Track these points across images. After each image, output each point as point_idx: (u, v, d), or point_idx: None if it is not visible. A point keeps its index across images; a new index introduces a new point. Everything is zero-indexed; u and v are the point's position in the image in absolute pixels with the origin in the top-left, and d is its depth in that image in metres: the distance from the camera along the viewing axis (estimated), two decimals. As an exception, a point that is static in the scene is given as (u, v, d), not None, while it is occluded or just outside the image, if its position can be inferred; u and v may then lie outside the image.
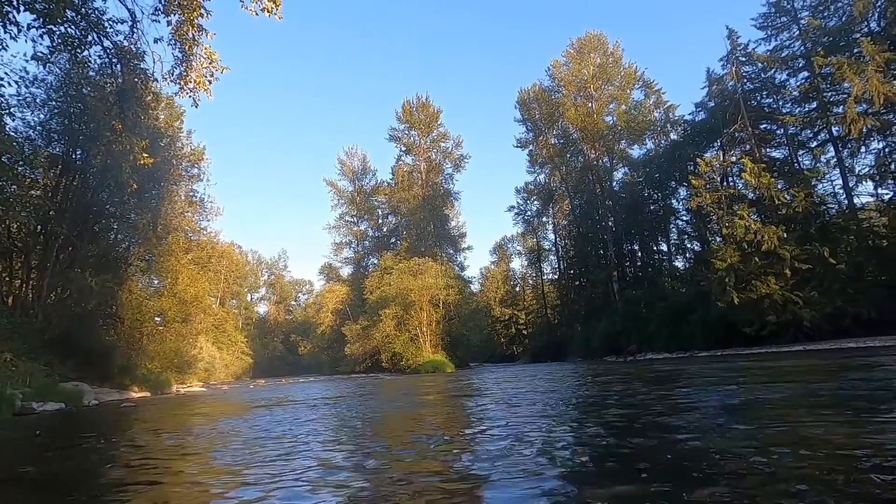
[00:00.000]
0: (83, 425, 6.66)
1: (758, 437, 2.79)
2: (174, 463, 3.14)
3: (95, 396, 12.52)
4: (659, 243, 39.61)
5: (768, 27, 26.79)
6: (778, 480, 1.86)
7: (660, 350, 26.33)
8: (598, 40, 41.55)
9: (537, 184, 50.77)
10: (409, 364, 35.68)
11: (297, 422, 5.29)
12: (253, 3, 10.21)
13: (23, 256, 17.92)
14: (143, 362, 22.84)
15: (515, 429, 3.57)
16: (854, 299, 19.98)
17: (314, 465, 2.70)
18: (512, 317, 65.03)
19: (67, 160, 19.23)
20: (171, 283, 26.17)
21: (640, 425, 3.49)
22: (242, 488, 2.26)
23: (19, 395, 8.52)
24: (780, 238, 22.92)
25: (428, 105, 49.13)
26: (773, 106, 27.54)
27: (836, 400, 4.30)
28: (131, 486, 2.48)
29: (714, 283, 23.88)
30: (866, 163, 24.07)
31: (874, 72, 20.83)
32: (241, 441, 4.05)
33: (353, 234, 58.57)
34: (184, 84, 11.28)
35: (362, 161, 58.93)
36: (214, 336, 47.06)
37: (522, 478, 2.14)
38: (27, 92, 16.79)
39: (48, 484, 2.65)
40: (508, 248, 68.70)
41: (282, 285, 78.76)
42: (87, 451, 3.80)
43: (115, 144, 13.30)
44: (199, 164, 29.66)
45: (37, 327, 15.94)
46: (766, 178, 23.77)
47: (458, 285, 41.63)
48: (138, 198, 20.68)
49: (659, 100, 40.22)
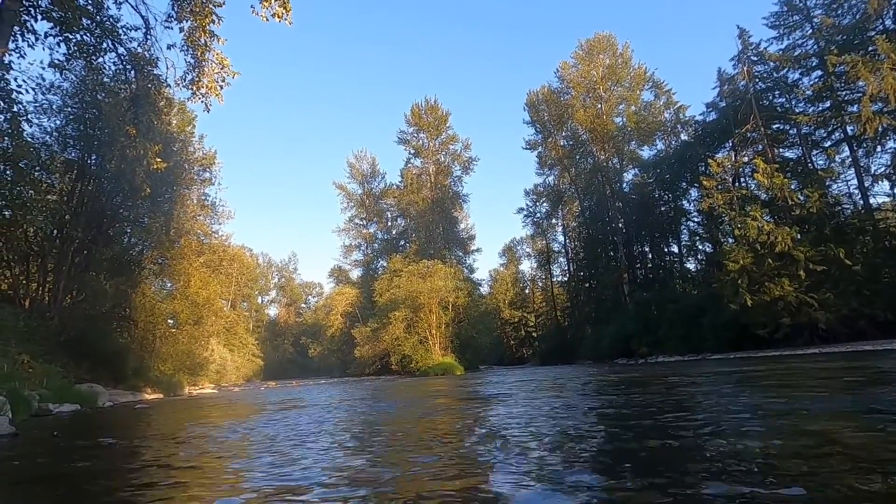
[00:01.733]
0: (99, 426, 6.74)
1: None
2: (193, 464, 3.17)
3: (110, 398, 12.67)
4: (670, 245, 39.34)
5: (780, 26, 26.54)
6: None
7: (671, 353, 26.08)
8: (607, 41, 41.41)
9: (546, 185, 50.67)
10: (419, 367, 35.72)
11: (312, 426, 5.31)
12: (263, 8, 10.35)
13: (39, 260, 18.23)
14: (156, 364, 23.10)
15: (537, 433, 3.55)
16: (870, 301, 19.70)
17: (335, 472, 2.71)
18: (521, 319, 64.83)
19: (83, 165, 19.56)
20: (183, 286, 26.43)
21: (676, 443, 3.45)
22: (271, 488, 2.27)
23: (36, 396, 8.63)
24: (794, 239, 22.66)
25: (436, 108, 49.29)
26: (785, 105, 27.25)
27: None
28: (150, 486, 2.52)
29: (726, 285, 23.63)
30: (882, 162, 23.76)
31: (889, 70, 20.54)
32: (259, 442, 4.08)
33: (362, 236, 58.88)
34: (196, 89, 11.47)
35: (371, 164, 59.34)
36: (226, 338, 47.43)
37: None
38: (44, 98, 17.20)
39: (67, 483, 2.69)
40: (518, 250, 68.60)
41: (292, 288, 79.27)
42: (104, 452, 3.85)
43: (129, 149, 13.56)
44: (210, 168, 29.95)
45: (53, 330, 16.18)
46: (779, 179, 23.51)
47: (467, 288, 41.61)
48: (151, 201, 21.01)
49: (669, 100, 39.97)
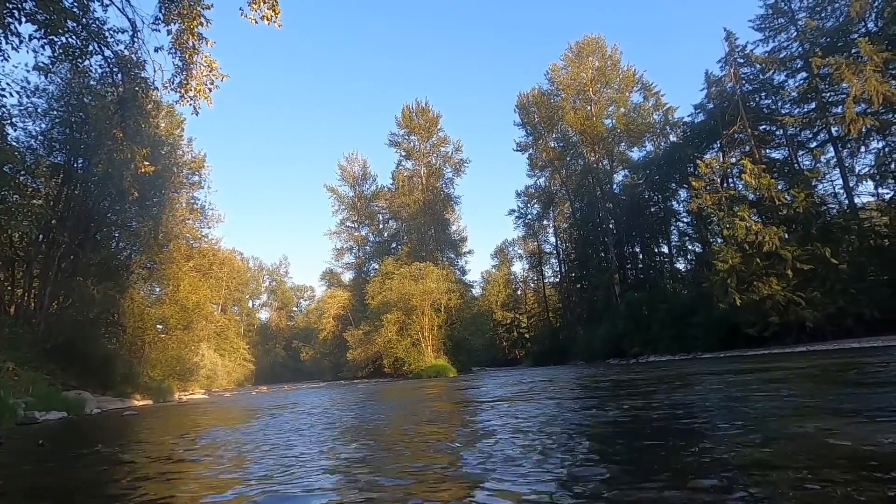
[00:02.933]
0: (86, 434, 6.65)
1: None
2: (180, 472, 3.13)
3: (98, 405, 12.52)
4: (660, 245, 39.66)
5: (766, 28, 26.86)
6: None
7: (662, 352, 26.26)
8: (596, 44, 41.69)
9: (537, 187, 50.83)
10: (412, 369, 35.63)
11: (304, 430, 5.28)
12: (252, 11, 10.27)
13: (25, 265, 17.95)
14: (145, 370, 22.85)
15: (528, 436, 3.55)
16: (856, 299, 19.97)
17: (327, 476, 2.70)
18: (514, 320, 64.94)
19: (69, 169, 19.32)
20: (172, 291, 26.20)
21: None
22: (257, 495, 2.25)
23: (22, 404, 8.51)
24: (782, 239, 22.93)
25: (427, 110, 49.29)
26: (772, 107, 27.60)
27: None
28: (138, 497, 2.48)
29: (716, 285, 23.85)
30: (866, 162, 24.15)
31: (872, 72, 20.88)
32: (250, 449, 4.04)
33: (353, 239, 58.70)
34: (184, 92, 11.35)
35: (363, 166, 59.21)
36: (216, 343, 47.09)
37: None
38: (29, 102, 16.96)
39: (52, 495, 2.65)
40: (509, 251, 68.81)
41: (283, 291, 78.78)
42: (91, 461, 3.80)
43: (117, 153, 13.39)
44: (199, 172, 29.73)
45: (39, 336, 15.94)
46: (766, 179, 23.79)
47: (459, 289, 41.61)
48: (139, 205, 20.77)
49: (658, 102, 40.32)
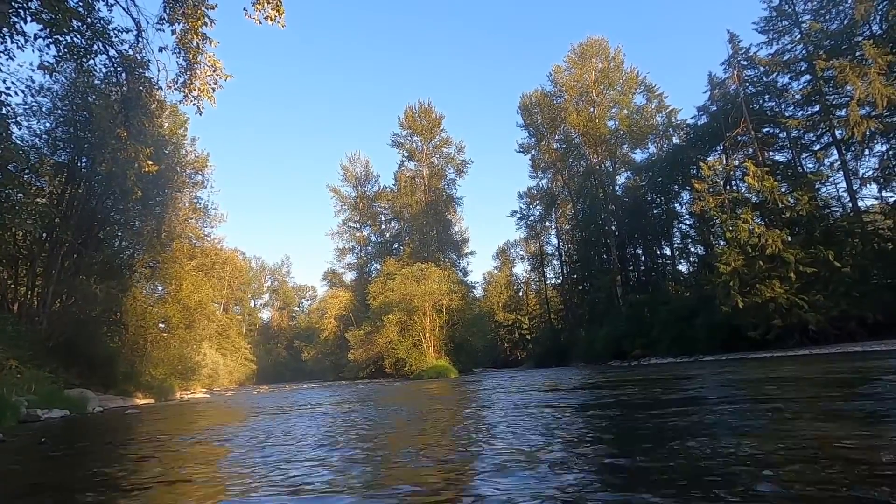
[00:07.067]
0: (88, 433, 6.67)
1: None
2: (183, 470, 3.14)
3: (100, 403, 12.53)
4: (662, 247, 39.59)
5: (770, 31, 26.84)
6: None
7: (664, 354, 26.21)
8: (599, 45, 41.68)
9: (540, 188, 50.81)
10: (413, 370, 35.64)
11: (306, 428, 5.28)
12: (256, 11, 10.32)
13: (28, 264, 18.02)
14: (147, 369, 22.87)
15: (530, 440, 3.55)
16: (859, 303, 19.91)
17: (333, 477, 2.69)
18: (515, 322, 64.90)
19: (73, 168, 19.38)
20: (175, 290, 26.24)
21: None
22: (258, 495, 2.26)
23: (24, 402, 8.53)
24: (785, 241, 22.87)
25: (430, 111, 49.35)
26: (775, 109, 27.54)
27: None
28: (141, 495, 2.49)
29: (718, 287, 23.80)
30: (870, 165, 24.10)
31: (877, 74, 20.83)
32: (251, 447, 4.04)
33: (355, 239, 58.74)
34: (188, 92, 11.41)
35: (365, 167, 59.25)
36: (218, 342, 47.13)
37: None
38: (33, 101, 17.00)
39: (55, 493, 2.65)
40: (511, 252, 68.75)
41: (285, 291, 78.86)
42: (93, 459, 3.81)
43: (120, 152, 13.44)
44: (202, 171, 29.76)
45: (42, 334, 16.00)
46: (769, 182, 23.75)
47: (461, 290, 41.59)
48: (143, 205, 20.84)
49: (661, 104, 40.30)
